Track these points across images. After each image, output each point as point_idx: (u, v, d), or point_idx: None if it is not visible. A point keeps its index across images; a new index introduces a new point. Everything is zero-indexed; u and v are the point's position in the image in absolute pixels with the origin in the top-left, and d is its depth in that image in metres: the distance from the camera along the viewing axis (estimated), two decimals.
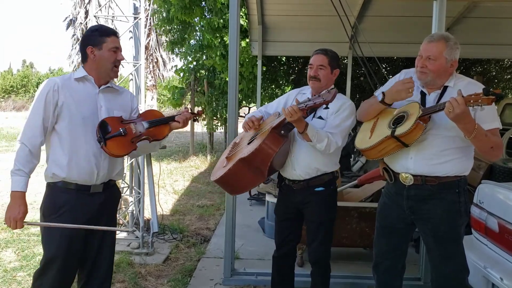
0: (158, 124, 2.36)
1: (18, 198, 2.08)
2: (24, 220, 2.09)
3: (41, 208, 2.24)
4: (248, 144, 2.55)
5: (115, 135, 2.20)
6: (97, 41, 2.22)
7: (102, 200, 2.27)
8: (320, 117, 2.61)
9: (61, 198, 2.18)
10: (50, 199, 2.21)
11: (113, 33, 2.27)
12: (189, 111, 2.46)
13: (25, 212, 2.08)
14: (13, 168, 2.09)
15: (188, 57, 10.47)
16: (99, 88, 2.27)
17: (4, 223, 2.10)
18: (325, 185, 2.68)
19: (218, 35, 9.10)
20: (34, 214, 4.35)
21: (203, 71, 10.81)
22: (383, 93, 2.36)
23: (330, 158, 2.66)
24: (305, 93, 2.77)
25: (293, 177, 2.69)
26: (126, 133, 2.23)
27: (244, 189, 2.77)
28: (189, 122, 2.45)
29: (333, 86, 2.68)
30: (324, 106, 2.47)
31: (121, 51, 2.28)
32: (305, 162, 2.62)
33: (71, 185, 2.18)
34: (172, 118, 2.39)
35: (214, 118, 10.96)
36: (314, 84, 2.66)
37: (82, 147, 2.18)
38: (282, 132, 2.45)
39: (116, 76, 2.32)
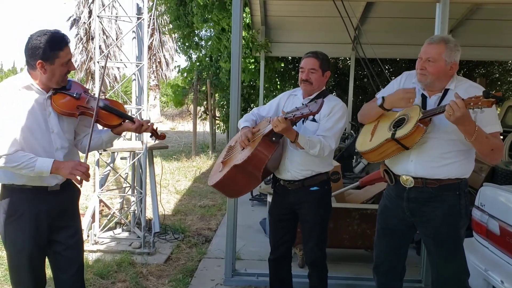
0: (112, 112, 2.25)
1: (57, 164, 2.05)
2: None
3: None
4: (242, 149, 2.58)
5: (68, 93, 2.16)
6: (48, 56, 2.02)
7: (61, 198, 2.21)
8: (313, 120, 2.63)
9: (20, 198, 2.11)
10: (9, 201, 2.12)
11: (66, 43, 2.07)
12: (156, 128, 2.40)
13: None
14: (27, 169, 2.01)
15: (193, 55, 10.46)
16: (46, 93, 2.14)
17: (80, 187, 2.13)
18: (320, 185, 2.70)
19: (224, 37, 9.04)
20: None
21: (206, 73, 10.77)
22: (382, 97, 2.36)
23: (324, 159, 2.67)
24: (296, 95, 2.80)
25: (288, 178, 2.71)
26: (78, 98, 2.16)
27: (240, 193, 2.84)
28: (157, 134, 2.40)
29: (324, 88, 2.73)
30: (311, 117, 2.52)
31: (71, 58, 2.15)
32: (299, 164, 2.64)
33: (27, 186, 2.11)
34: (130, 118, 2.30)
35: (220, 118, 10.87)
36: (306, 87, 2.68)
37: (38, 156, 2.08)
38: (274, 138, 2.49)
39: (66, 84, 2.17)
